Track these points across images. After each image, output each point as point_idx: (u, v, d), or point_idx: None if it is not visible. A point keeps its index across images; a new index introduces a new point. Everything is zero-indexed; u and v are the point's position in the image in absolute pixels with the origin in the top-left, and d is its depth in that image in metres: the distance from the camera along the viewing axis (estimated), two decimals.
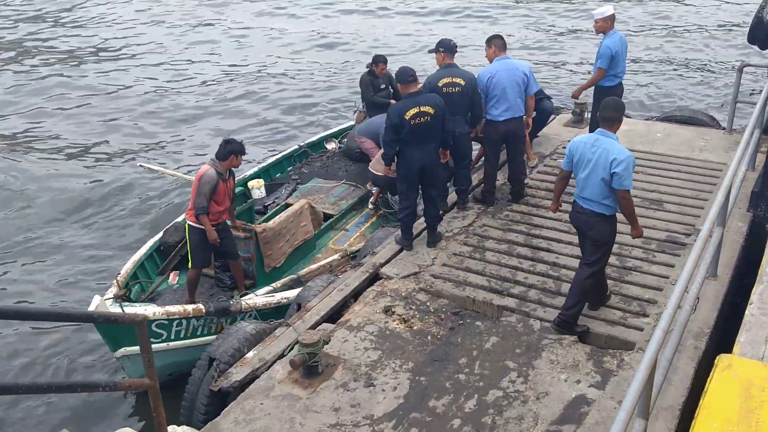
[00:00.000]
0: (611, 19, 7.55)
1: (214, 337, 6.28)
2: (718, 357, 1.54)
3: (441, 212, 6.97)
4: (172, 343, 6.16)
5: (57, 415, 6.24)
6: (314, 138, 10.28)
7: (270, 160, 9.63)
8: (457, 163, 7.29)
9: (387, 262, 6.45)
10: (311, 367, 4.92)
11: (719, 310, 5.40)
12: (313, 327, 5.54)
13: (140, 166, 9.66)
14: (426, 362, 5.14)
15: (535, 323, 5.52)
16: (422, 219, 6.83)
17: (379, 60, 9.11)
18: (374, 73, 9.10)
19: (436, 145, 6.44)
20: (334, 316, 5.82)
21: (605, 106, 5.09)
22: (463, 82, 6.85)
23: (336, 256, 7.42)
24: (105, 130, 13.03)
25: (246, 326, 5.57)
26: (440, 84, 6.82)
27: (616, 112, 5.03)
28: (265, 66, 16.65)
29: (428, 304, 5.85)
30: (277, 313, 6.51)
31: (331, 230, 8.19)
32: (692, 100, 13.58)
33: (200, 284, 6.90)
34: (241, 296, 6.61)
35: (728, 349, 3.63)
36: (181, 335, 6.21)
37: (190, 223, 6.49)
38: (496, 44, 7.11)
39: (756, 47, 10.66)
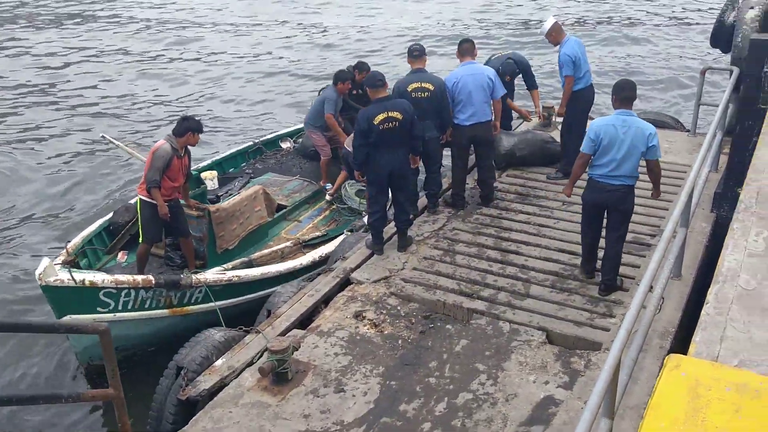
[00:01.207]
0: (556, 29, 7.70)
1: (164, 311, 6.25)
2: (667, 357, 1.57)
3: (411, 216, 6.99)
4: (119, 314, 6.05)
5: (15, 429, 6.09)
6: (270, 136, 10.34)
7: (224, 154, 9.66)
8: (428, 167, 7.32)
9: (358, 267, 6.44)
10: (281, 373, 4.89)
11: (683, 309, 5.49)
12: (283, 333, 5.50)
13: (102, 137, 9.75)
14: (396, 366, 5.14)
15: (505, 325, 5.55)
16: (393, 223, 6.85)
17: (363, 68, 9.08)
18: (353, 79, 9.06)
19: (405, 150, 6.46)
20: (304, 321, 5.79)
21: (622, 87, 5.50)
22: (432, 87, 6.89)
23: (288, 244, 7.45)
24: (69, 108, 13.46)
25: (214, 334, 5.51)
26: (409, 89, 6.85)
27: (633, 91, 5.53)
28: (230, 63, 16.90)
29: (399, 308, 5.85)
30: (228, 290, 6.47)
31: (284, 221, 8.23)
32: (657, 103, 13.81)
33: (150, 263, 6.88)
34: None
35: None
36: (129, 306, 6.11)
37: (142, 197, 6.45)
38: (461, 49, 7.18)
39: (718, 50, 10.89)
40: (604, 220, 5.77)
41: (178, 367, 5.24)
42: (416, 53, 7.03)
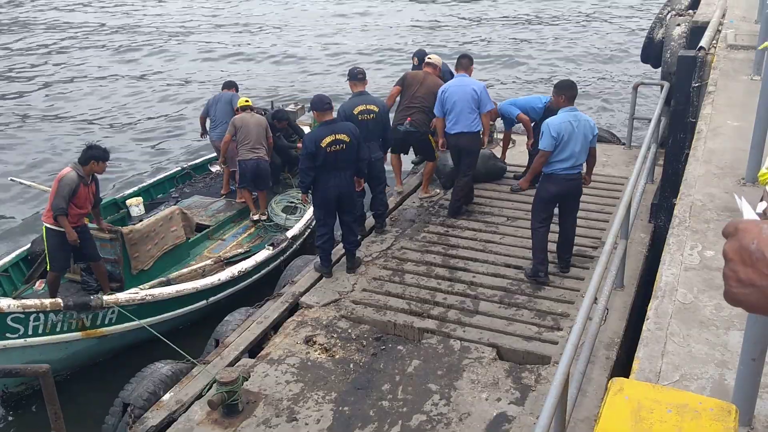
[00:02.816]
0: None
1: (76, 333, 6.12)
2: (610, 381, 1.61)
3: (359, 237, 6.99)
4: (29, 339, 5.87)
5: None
6: (198, 160, 10.26)
7: (151, 180, 9.52)
8: (373, 188, 7.35)
9: (307, 290, 6.39)
10: (231, 405, 4.78)
11: (628, 319, 5.64)
12: (232, 363, 5.40)
13: (11, 180, 9.39)
14: (349, 391, 5.10)
15: (456, 343, 5.58)
16: (341, 245, 6.83)
17: (283, 118, 9.07)
18: (274, 127, 8.97)
19: (351, 173, 6.48)
20: (253, 350, 5.70)
21: (570, 87, 6.10)
22: (376, 109, 7.00)
23: (209, 261, 7.40)
24: None
25: (161, 367, 5.36)
26: (355, 112, 6.92)
27: (575, 89, 6.14)
28: (158, 89, 16.52)
29: (350, 331, 5.82)
30: (143, 310, 6.37)
31: (207, 240, 8.19)
32: (592, 117, 14.20)
33: (67, 289, 6.76)
34: None
35: None
36: (40, 331, 5.94)
37: (48, 225, 6.40)
38: (458, 63, 7.49)
39: (649, 66, 11.34)
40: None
41: (124, 403, 5.08)
42: (361, 76, 7.12)
